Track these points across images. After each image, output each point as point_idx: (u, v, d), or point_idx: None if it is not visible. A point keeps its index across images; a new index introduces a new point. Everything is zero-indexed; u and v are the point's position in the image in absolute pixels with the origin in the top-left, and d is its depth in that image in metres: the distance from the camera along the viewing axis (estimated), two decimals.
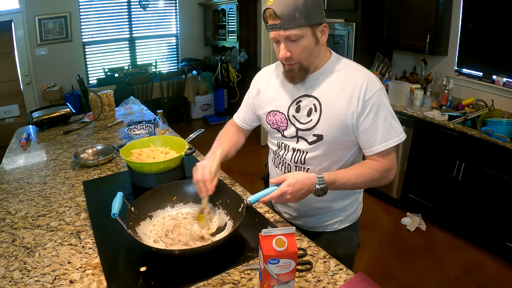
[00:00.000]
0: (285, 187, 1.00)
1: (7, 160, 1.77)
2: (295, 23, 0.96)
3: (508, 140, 2.26)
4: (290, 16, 0.95)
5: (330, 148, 1.09)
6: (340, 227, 1.25)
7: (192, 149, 1.63)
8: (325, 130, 1.07)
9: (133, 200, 1.15)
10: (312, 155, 1.11)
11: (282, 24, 0.96)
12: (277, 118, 1.15)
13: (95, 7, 4.96)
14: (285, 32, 0.97)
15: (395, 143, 1.05)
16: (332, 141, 1.08)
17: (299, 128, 1.11)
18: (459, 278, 2.26)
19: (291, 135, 1.14)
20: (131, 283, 0.92)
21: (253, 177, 3.62)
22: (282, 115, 1.14)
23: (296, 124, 1.11)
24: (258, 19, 5.02)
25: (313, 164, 1.13)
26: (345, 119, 1.04)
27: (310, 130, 1.09)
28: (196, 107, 5.57)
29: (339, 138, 1.07)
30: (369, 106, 1.03)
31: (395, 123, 1.06)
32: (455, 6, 2.86)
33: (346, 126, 1.05)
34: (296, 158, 1.14)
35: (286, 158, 1.17)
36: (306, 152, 1.12)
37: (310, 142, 1.10)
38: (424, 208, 2.86)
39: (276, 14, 0.95)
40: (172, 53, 5.90)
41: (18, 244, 1.10)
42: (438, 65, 3.10)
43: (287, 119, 1.13)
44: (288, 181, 1.00)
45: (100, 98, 2.28)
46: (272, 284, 0.87)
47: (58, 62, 4.71)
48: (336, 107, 1.05)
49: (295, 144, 1.14)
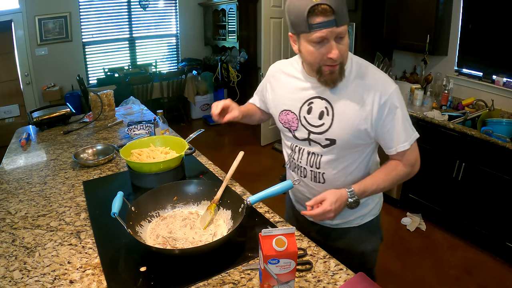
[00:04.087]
0: (328, 206, 1.01)
1: (7, 160, 1.77)
2: (346, 18, 0.92)
3: (508, 140, 2.26)
4: (343, 10, 0.91)
5: (344, 152, 1.09)
6: (363, 222, 1.25)
7: (192, 149, 1.63)
8: (338, 134, 1.05)
9: (133, 200, 1.15)
10: (327, 158, 1.10)
11: (338, 19, 0.90)
12: (289, 118, 1.14)
13: (95, 7, 4.96)
14: (339, 29, 0.91)
15: (415, 138, 1.08)
16: (344, 145, 1.07)
17: (311, 131, 1.09)
18: (459, 278, 2.26)
19: (302, 138, 1.12)
20: (131, 283, 0.92)
21: (253, 177, 3.62)
22: (294, 115, 1.12)
23: (307, 126, 1.10)
24: (258, 19, 5.02)
25: (329, 167, 1.11)
26: (358, 124, 1.03)
27: (322, 134, 1.07)
28: (196, 107, 5.57)
29: (352, 142, 1.06)
30: (386, 109, 1.02)
31: (409, 119, 1.08)
32: (455, 6, 2.86)
33: (359, 130, 1.04)
34: (311, 161, 1.13)
35: (302, 162, 1.15)
36: (320, 156, 1.11)
37: (324, 145, 1.09)
38: (424, 208, 2.85)
39: (332, 9, 0.89)
40: (172, 53, 5.91)
41: (18, 244, 1.10)
42: (438, 65, 3.10)
43: (298, 120, 1.11)
44: (329, 200, 1.01)
45: (100, 98, 2.28)
46: (272, 284, 0.87)
47: (58, 62, 4.71)
48: (349, 112, 1.03)
49: (309, 147, 1.12)
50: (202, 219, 1.15)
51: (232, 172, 1.26)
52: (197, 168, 1.60)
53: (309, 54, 0.98)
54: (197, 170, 1.58)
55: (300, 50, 1.01)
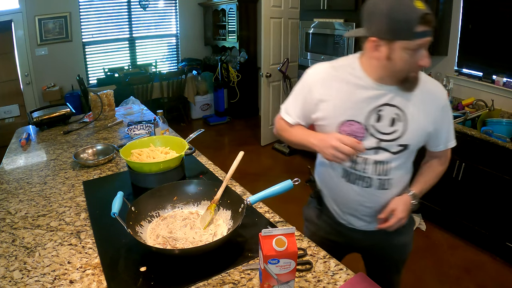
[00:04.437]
0: (400, 214, 1.07)
1: (7, 160, 1.77)
2: None
3: (508, 140, 2.26)
4: None
5: (410, 155, 1.12)
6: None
7: (192, 149, 1.63)
8: (411, 139, 1.07)
9: (133, 200, 1.15)
10: (396, 164, 1.09)
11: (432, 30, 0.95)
12: (353, 129, 1.07)
13: (95, 7, 4.96)
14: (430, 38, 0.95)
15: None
16: (414, 149, 1.11)
17: (381, 139, 1.06)
18: (459, 278, 2.26)
19: (369, 147, 1.07)
20: (131, 283, 0.92)
21: (253, 177, 3.62)
22: (359, 125, 1.06)
23: (377, 134, 1.06)
24: (258, 19, 5.02)
25: (396, 172, 1.11)
26: (427, 127, 1.08)
27: (395, 141, 1.06)
28: (196, 107, 5.57)
29: (420, 144, 1.12)
30: (446, 111, 1.10)
31: None
32: (455, 6, 2.86)
33: (428, 133, 1.10)
34: (379, 170, 1.09)
35: (367, 172, 1.10)
36: (389, 162, 1.09)
37: (395, 152, 1.08)
38: (424, 208, 2.85)
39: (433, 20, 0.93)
40: (172, 53, 5.91)
41: (18, 244, 1.10)
42: (438, 65, 3.10)
43: (365, 129, 1.06)
44: (400, 208, 1.08)
45: (100, 98, 2.28)
46: (272, 284, 0.87)
47: (58, 62, 4.72)
48: (420, 116, 1.06)
49: (375, 156, 1.08)
50: (202, 219, 1.15)
51: (232, 172, 1.26)
52: (197, 168, 1.60)
53: (402, 61, 0.96)
54: (197, 170, 1.58)
55: (390, 57, 0.97)
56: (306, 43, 3.71)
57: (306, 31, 3.67)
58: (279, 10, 4.10)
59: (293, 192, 1.24)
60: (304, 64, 3.80)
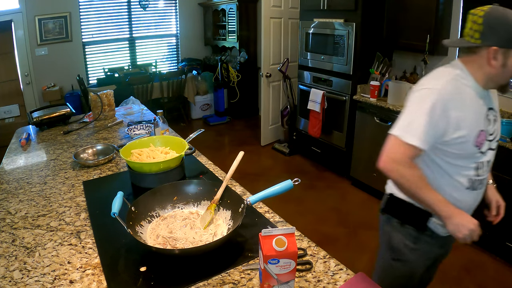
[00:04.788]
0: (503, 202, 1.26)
1: (7, 160, 1.77)
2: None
3: (508, 140, 2.26)
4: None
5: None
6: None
7: (192, 149, 1.63)
8: (499, 134, 1.21)
9: (133, 200, 1.15)
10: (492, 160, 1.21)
11: None
12: (482, 137, 1.13)
13: (95, 7, 4.96)
14: None
15: None
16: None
17: (489, 140, 1.16)
18: (459, 278, 2.26)
19: (485, 150, 1.16)
20: (131, 283, 0.92)
21: (253, 177, 3.62)
22: (483, 132, 1.13)
23: (488, 137, 1.16)
24: (258, 19, 5.03)
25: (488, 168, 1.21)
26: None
27: (495, 140, 1.19)
28: (196, 107, 5.58)
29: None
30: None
31: None
32: (455, 6, 2.86)
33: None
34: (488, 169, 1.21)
35: (484, 174, 1.19)
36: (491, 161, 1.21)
37: (494, 149, 1.20)
38: None
39: None
40: (172, 53, 5.91)
41: (18, 244, 1.10)
42: (438, 65, 3.09)
43: (486, 135, 1.14)
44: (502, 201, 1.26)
45: (100, 98, 2.28)
46: (272, 284, 0.87)
47: (58, 62, 4.72)
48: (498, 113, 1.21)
49: (485, 157, 1.17)
50: (202, 219, 1.15)
51: (232, 172, 1.26)
52: (197, 168, 1.60)
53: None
54: (197, 170, 1.58)
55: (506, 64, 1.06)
56: (306, 43, 3.71)
57: (306, 31, 3.67)
58: (279, 10, 4.10)
59: (293, 192, 1.24)
60: (304, 64, 3.80)
